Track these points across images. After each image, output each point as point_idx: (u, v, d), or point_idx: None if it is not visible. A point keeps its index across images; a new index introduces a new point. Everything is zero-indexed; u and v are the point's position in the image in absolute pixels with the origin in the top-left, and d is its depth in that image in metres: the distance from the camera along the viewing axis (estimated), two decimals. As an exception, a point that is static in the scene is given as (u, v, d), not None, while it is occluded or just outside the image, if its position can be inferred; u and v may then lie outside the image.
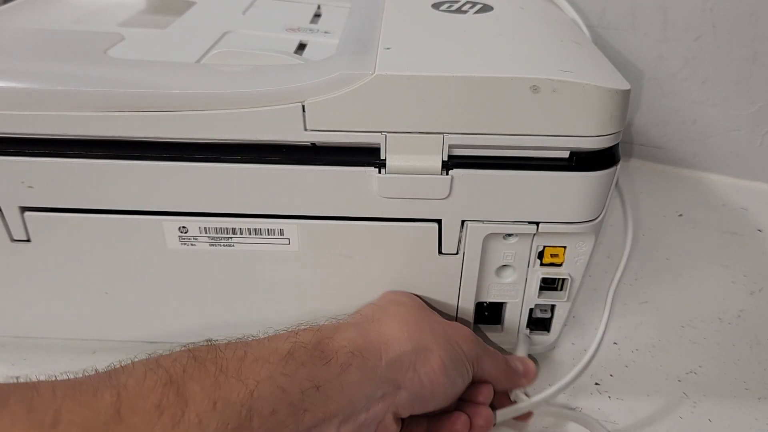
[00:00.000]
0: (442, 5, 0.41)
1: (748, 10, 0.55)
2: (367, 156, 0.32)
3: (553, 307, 0.40)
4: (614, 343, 0.43)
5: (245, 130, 0.31)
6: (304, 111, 0.31)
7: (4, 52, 0.36)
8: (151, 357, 0.26)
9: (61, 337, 0.41)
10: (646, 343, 0.43)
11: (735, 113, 0.61)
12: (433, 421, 0.33)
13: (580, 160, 0.32)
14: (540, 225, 0.34)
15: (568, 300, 0.38)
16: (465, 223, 0.34)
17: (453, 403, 0.33)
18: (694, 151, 0.65)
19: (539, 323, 0.41)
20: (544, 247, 0.36)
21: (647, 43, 0.60)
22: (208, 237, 0.35)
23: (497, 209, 0.34)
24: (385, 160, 0.32)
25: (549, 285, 0.38)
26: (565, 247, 0.36)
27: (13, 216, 0.35)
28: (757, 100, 0.59)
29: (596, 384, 0.40)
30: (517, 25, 0.39)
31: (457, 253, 0.36)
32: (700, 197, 0.62)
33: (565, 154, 0.32)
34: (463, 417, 0.33)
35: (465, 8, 0.41)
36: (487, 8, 0.41)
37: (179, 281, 0.38)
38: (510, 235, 0.35)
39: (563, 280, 0.37)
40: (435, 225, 0.35)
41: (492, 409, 0.34)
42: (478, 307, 0.39)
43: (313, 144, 0.32)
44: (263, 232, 0.35)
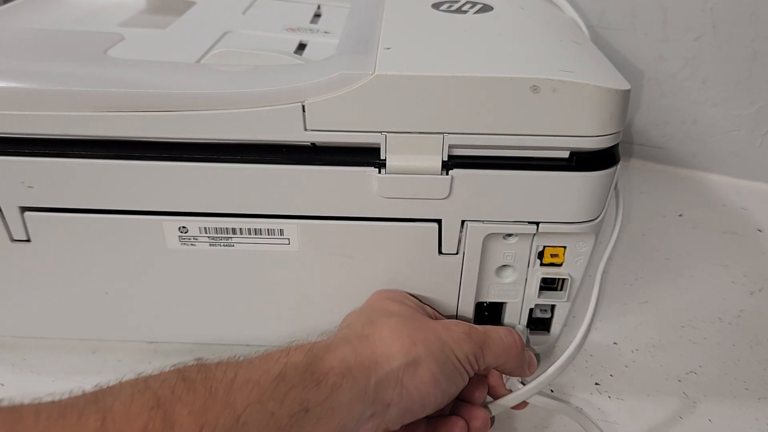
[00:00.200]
0: (442, 5, 0.41)
1: (748, 10, 0.55)
2: (367, 156, 0.32)
3: (553, 307, 0.40)
4: (614, 343, 0.43)
5: (245, 130, 0.31)
6: (304, 111, 0.31)
7: (4, 52, 0.36)
8: (139, 377, 0.25)
9: (61, 337, 0.41)
10: (646, 343, 0.43)
11: (735, 113, 0.61)
12: (431, 422, 0.33)
13: (580, 160, 0.32)
14: (540, 225, 0.34)
15: (568, 300, 0.38)
16: (465, 223, 0.34)
17: (449, 404, 0.33)
18: (694, 151, 0.65)
19: (539, 323, 0.41)
20: (544, 247, 0.36)
21: (647, 43, 0.60)
22: (208, 237, 0.35)
23: (497, 209, 0.34)
24: (385, 160, 0.32)
25: (549, 285, 0.38)
26: (565, 247, 0.36)
27: (13, 216, 0.35)
28: (757, 100, 0.59)
29: (596, 384, 0.40)
30: (517, 25, 0.39)
31: (457, 253, 0.36)
32: (700, 197, 0.62)
33: (565, 154, 0.32)
34: (460, 423, 0.32)
35: (465, 8, 0.41)
36: (487, 8, 0.41)
37: (179, 281, 0.38)
38: (510, 235, 0.35)
39: (563, 280, 0.37)
40: (435, 225, 0.35)
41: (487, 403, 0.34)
42: (478, 307, 0.39)
43: (313, 144, 0.32)
44: (263, 232, 0.35)
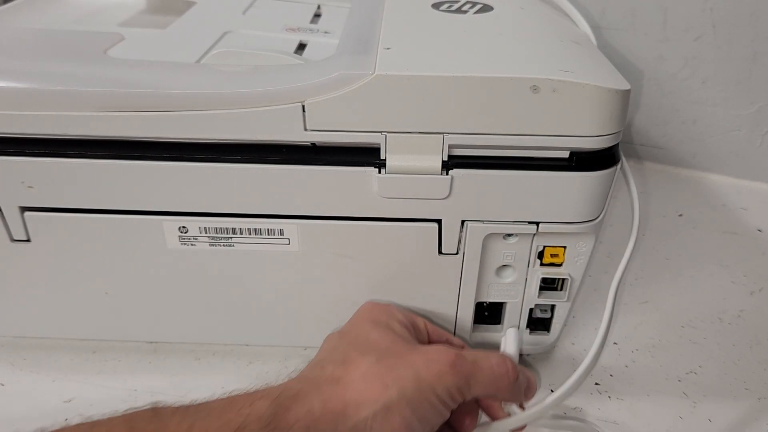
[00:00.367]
0: (442, 5, 0.41)
1: (748, 10, 0.55)
2: (367, 156, 0.32)
3: (553, 307, 0.40)
4: (614, 343, 0.43)
5: (245, 130, 0.31)
6: (304, 111, 0.31)
7: (4, 52, 0.36)
8: (85, 422, 0.24)
9: (61, 337, 0.41)
10: (646, 343, 0.43)
11: (735, 113, 0.61)
12: None
13: (580, 160, 0.32)
14: (540, 225, 0.34)
15: (568, 300, 0.38)
16: (465, 223, 0.34)
17: None
18: (694, 151, 0.65)
19: (539, 323, 0.41)
20: (544, 247, 0.36)
21: (647, 43, 0.60)
22: (208, 237, 0.35)
23: (497, 209, 0.34)
24: (385, 160, 0.32)
25: (549, 285, 0.38)
26: (565, 247, 0.36)
27: (13, 216, 0.35)
28: (757, 100, 0.59)
29: (596, 384, 0.40)
30: (517, 25, 0.39)
31: (457, 253, 0.36)
32: (700, 197, 0.62)
33: (565, 154, 0.32)
34: None
35: (465, 8, 0.41)
36: (487, 8, 0.41)
37: (179, 281, 0.38)
38: (510, 235, 0.35)
39: (563, 280, 0.37)
40: (435, 225, 0.35)
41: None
42: (478, 307, 0.39)
43: (313, 144, 0.32)
44: (263, 232, 0.35)
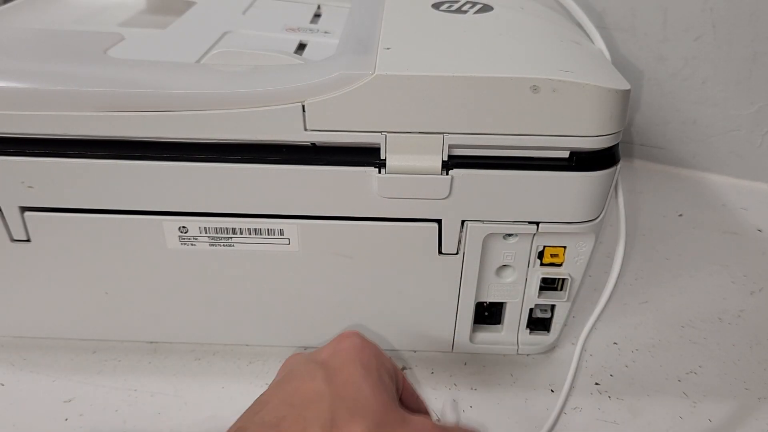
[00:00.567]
0: (442, 5, 0.41)
1: (748, 10, 0.55)
2: (367, 156, 0.32)
3: (553, 307, 0.40)
4: (614, 343, 0.43)
5: (245, 130, 0.31)
6: (304, 111, 0.31)
7: (4, 52, 0.36)
8: None
9: (61, 337, 0.41)
10: (646, 343, 0.43)
11: (735, 113, 0.61)
12: None
13: (580, 160, 0.32)
14: (540, 225, 0.34)
15: (568, 300, 0.38)
16: (465, 223, 0.34)
17: None
18: (694, 151, 0.65)
19: (539, 323, 0.41)
20: (544, 247, 0.36)
21: (647, 43, 0.60)
22: (208, 237, 0.35)
23: (497, 209, 0.34)
24: (385, 160, 0.32)
25: (549, 285, 0.38)
26: (565, 247, 0.36)
27: (13, 216, 0.35)
28: (757, 100, 0.59)
29: (596, 384, 0.40)
30: (517, 25, 0.39)
31: (457, 253, 0.36)
32: (700, 197, 0.62)
33: (565, 154, 0.32)
34: None
35: (465, 8, 0.41)
36: (487, 8, 0.41)
37: (179, 281, 0.38)
38: (510, 235, 0.35)
39: (563, 280, 0.37)
40: (435, 225, 0.35)
41: None
42: (478, 307, 0.39)
43: (313, 144, 0.32)
44: (263, 232, 0.35)
